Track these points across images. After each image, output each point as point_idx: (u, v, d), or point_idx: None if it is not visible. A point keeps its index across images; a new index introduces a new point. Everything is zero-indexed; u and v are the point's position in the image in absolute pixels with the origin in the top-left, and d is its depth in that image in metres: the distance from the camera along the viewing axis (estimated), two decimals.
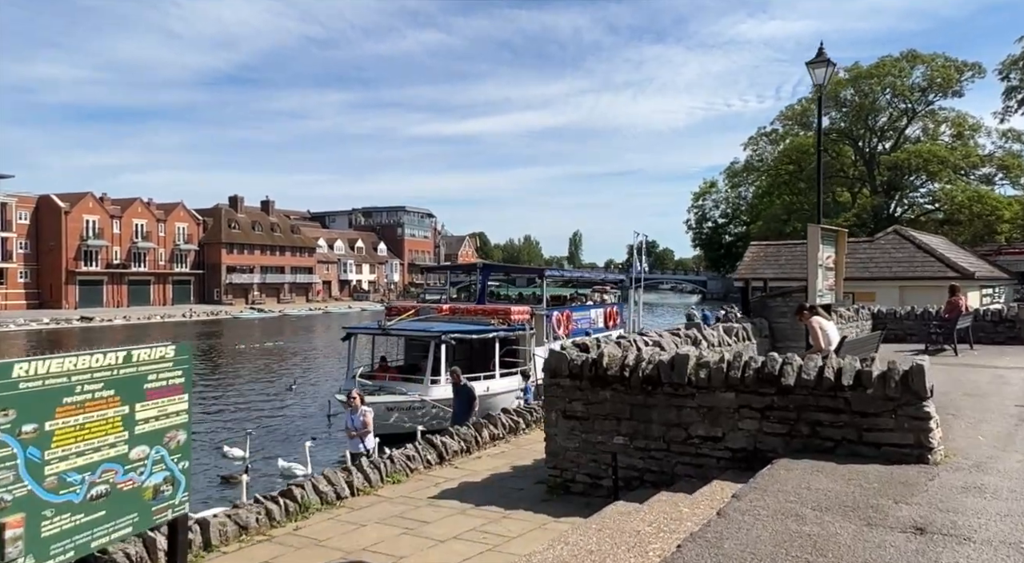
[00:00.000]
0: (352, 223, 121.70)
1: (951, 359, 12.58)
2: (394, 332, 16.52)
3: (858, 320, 15.89)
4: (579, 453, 6.83)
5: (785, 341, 11.72)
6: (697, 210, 62.89)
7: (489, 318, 17.86)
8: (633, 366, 6.52)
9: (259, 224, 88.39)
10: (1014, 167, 43.26)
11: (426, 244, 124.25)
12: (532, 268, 41.54)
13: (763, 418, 5.96)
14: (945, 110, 48.99)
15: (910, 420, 5.39)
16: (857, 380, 5.61)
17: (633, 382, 6.49)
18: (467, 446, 8.65)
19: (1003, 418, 7.00)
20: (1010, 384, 9.34)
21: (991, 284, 22.03)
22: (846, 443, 5.61)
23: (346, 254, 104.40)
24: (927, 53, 46.75)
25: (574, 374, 6.83)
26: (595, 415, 6.73)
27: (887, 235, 21.71)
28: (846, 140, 51.69)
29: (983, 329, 15.38)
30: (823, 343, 7.57)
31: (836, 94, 49.45)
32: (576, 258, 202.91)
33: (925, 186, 49.30)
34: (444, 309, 18.85)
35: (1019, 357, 12.75)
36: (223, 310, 74.46)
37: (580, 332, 21.75)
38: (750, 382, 6.00)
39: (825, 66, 12.60)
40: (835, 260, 12.29)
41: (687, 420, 6.29)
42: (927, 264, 19.20)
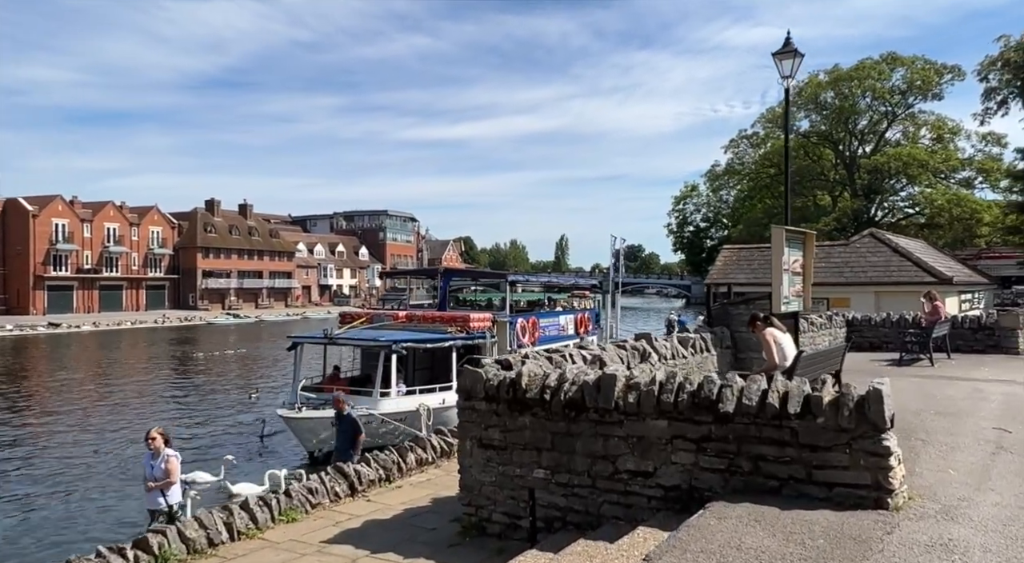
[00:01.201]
0: (334, 227, 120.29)
1: (927, 370, 11.82)
2: (341, 341, 15.58)
3: (831, 327, 15.12)
4: (496, 488, 5.93)
5: (748, 352, 10.88)
6: (678, 214, 62.34)
7: (447, 326, 16.95)
8: (555, 388, 5.63)
9: (236, 228, 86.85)
10: (993, 170, 42.94)
11: (409, 248, 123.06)
12: (496, 273, 40.65)
13: (699, 451, 5.08)
14: (925, 113, 48.80)
15: (866, 456, 4.53)
16: (806, 407, 4.74)
17: (555, 407, 5.60)
18: (387, 474, 7.72)
19: (978, 444, 6.17)
20: (988, 400, 8.55)
21: (970, 289, 21.40)
22: (793, 482, 4.74)
23: (326, 258, 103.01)
24: (907, 55, 46.50)
25: (491, 396, 5.93)
26: (514, 444, 5.83)
27: (863, 238, 21.00)
28: (827, 143, 51.28)
29: (961, 337, 14.67)
30: (776, 358, 6.73)
31: (816, 97, 49.06)
32: (563, 262, 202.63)
33: (905, 189, 48.98)
34: (400, 316, 17.90)
35: (998, 367, 12.01)
36: (198, 316, 72.92)
37: (548, 340, 20.88)
38: (685, 408, 5.13)
39: (792, 57, 11.81)
40: (803, 264, 11.47)
41: (614, 452, 5.40)
42: (904, 268, 18.49)
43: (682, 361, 9.32)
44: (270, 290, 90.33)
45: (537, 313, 21.43)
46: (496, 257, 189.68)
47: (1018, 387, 9.60)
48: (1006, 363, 12.64)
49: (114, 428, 20.92)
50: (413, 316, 17.85)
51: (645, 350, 8.46)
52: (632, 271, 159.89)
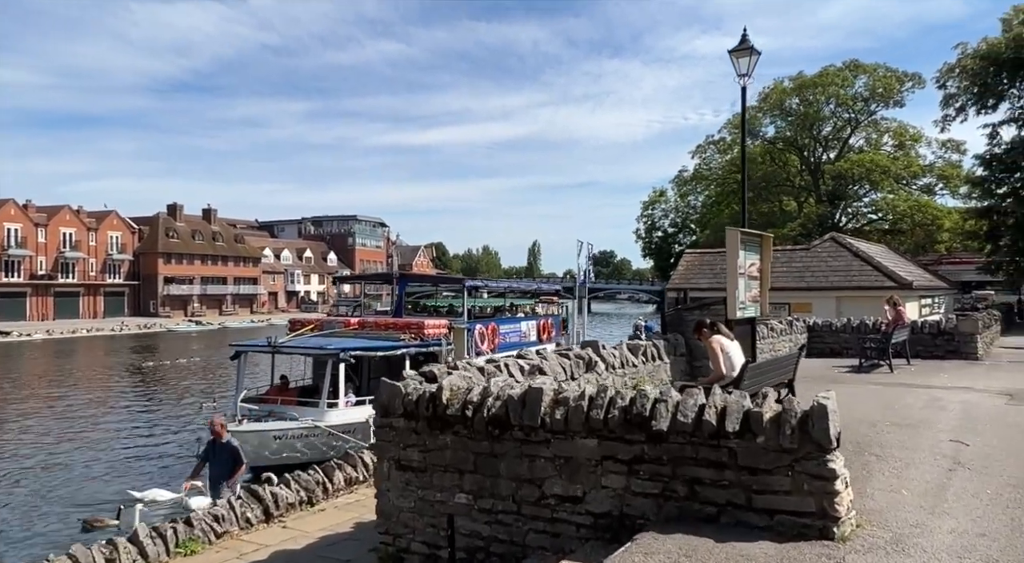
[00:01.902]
0: (301, 233, 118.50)
1: (886, 376, 11.55)
2: (286, 350, 14.87)
3: (792, 333, 14.86)
4: (415, 515, 5.37)
5: (704, 360, 10.43)
6: (647, 219, 62.36)
7: (400, 333, 16.34)
8: (478, 403, 5.10)
9: (200, 233, 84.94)
10: (953, 177, 43.60)
11: (378, 254, 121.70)
12: (454, 278, 39.95)
13: (631, 473, 4.59)
14: (887, 120, 49.42)
15: (810, 480, 4.07)
16: (745, 424, 4.28)
17: (477, 424, 5.07)
18: (309, 496, 7.10)
19: (934, 459, 5.78)
20: (946, 410, 8.22)
21: (930, 294, 21.40)
22: (732, 509, 4.26)
23: (293, 264, 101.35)
24: (869, 63, 47.08)
25: (410, 412, 5.38)
26: (434, 466, 5.28)
27: (824, 243, 20.88)
28: (792, 149, 51.70)
29: (921, 342, 14.50)
30: (723, 368, 6.29)
31: (781, 103, 49.42)
32: (535, 268, 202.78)
33: (868, 195, 49.51)
34: (352, 323, 17.24)
35: (957, 374, 11.79)
36: (158, 323, 71.00)
37: (509, 346, 20.35)
38: (616, 425, 4.63)
39: (749, 54, 11.49)
40: (760, 268, 11.11)
41: (541, 474, 4.88)
42: (864, 273, 18.36)
43: (632, 370, 8.86)
44: (235, 296, 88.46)
45: (497, 319, 20.91)
46: (468, 263, 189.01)
47: (976, 395, 9.32)
48: (965, 369, 12.45)
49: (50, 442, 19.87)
50: (365, 323, 17.19)
51: (591, 359, 7.97)
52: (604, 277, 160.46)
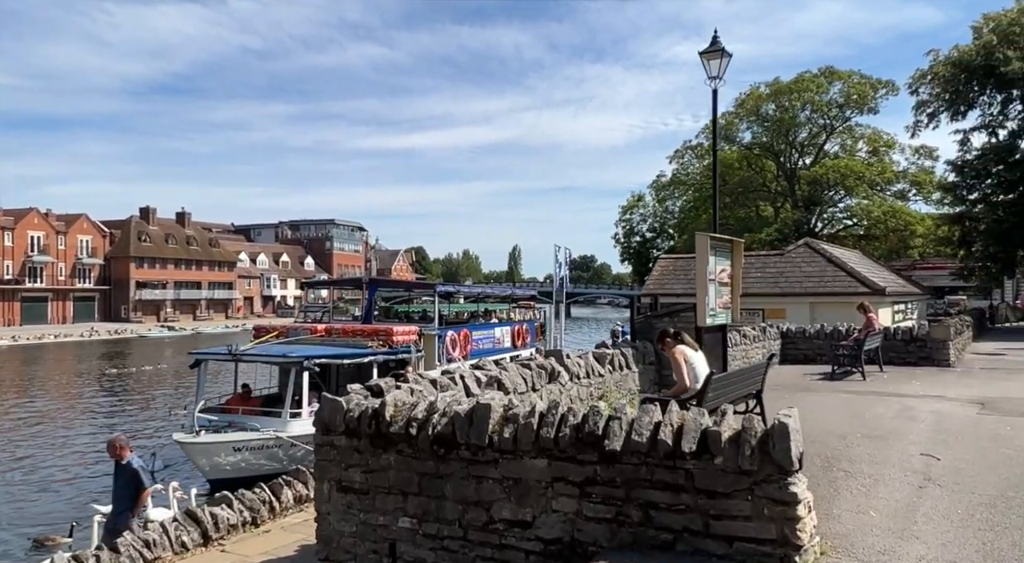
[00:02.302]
0: (279, 237, 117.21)
1: (858, 384, 11.38)
2: (247, 358, 14.39)
3: (765, 340, 14.70)
4: (357, 540, 5.01)
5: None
6: (625, 224, 62.36)
7: (368, 340, 15.93)
8: (422, 420, 4.76)
9: (173, 237, 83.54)
10: (926, 183, 44.08)
11: (357, 258, 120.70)
12: (425, 283, 39.34)
13: (583, 496, 4.28)
14: (862, 127, 49.90)
15: (771, 504, 3.79)
16: (703, 444, 3.99)
17: (422, 443, 4.73)
18: (254, 517, 6.69)
19: (905, 476, 5.54)
20: (917, 420, 8.03)
21: (903, 300, 21.42)
22: (688, 536, 3.97)
23: (270, 269, 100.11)
24: (844, 70, 47.54)
25: (352, 430, 5.02)
26: (377, 488, 4.93)
27: (798, 248, 20.82)
28: (768, 155, 52.00)
29: (894, 349, 14.40)
30: (687, 380, 6.02)
31: (758, 109, 49.69)
32: (516, 273, 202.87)
33: (843, 201, 49.90)
34: (318, 330, 16.79)
35: (929, 381, 11.66)
36: (130, 328, 69.62)
37: (483, 353, 20.03)
38: (567, 444, 4.32)
39: (720, 56, 11.30)
40: (731, 274, 10.90)
41: (489, 497, 4.55)
42: (838, 279, 18.29)
43: (598, 380, 8.57)
44: (209, 301, 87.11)
45: (470, 325, 20.57)
46: (449, 267, 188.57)
47: (948, 404, 9.16)
48: (937, 376, 12.34)
49: (3, 456, 19.12)
50: (332, 329, 16.76)
51: (554, 369, 7.66)
52: (584, 282, 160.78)
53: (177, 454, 14.28)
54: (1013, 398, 9.60)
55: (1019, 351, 16.80)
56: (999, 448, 6.50)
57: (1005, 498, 4.90)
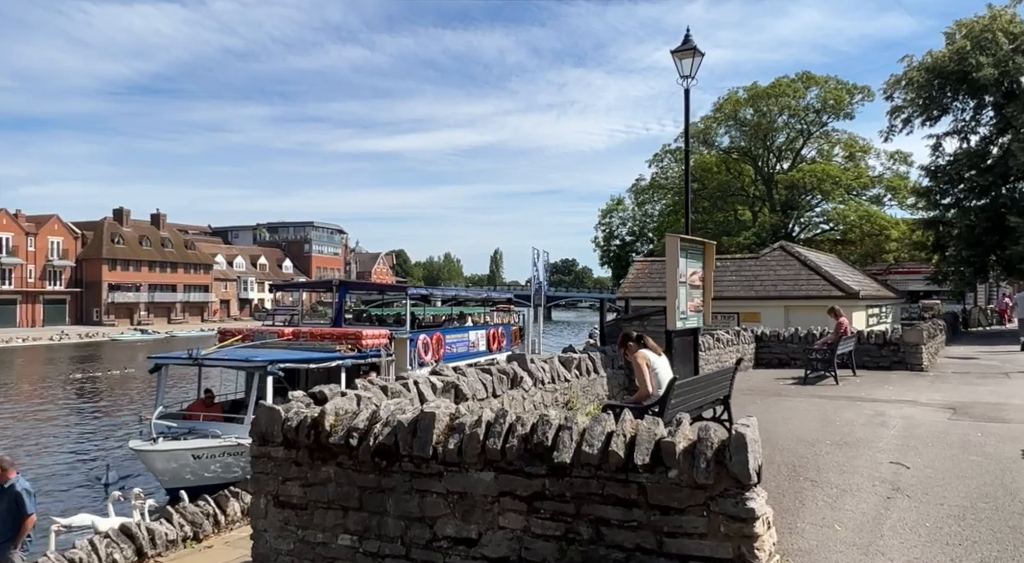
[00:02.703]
0: (256, 239, 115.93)
1: (830, 389, 11.24)
2: (209, 362, 13.94)
3: (739, 344, 14.54)
4: (295, 559, 4.69)
5: None
6: (604, 227, 62.32)
7: (337, 343, 15.56)
8: (364, 430, 4.47)
9: (148, 239, 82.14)
10: (901, 188, 44.50)
11: (336, 261, 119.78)
12: (396, 286, 38.81)
13: (531, 512, 4.00)
14: (838, 132, 50.33)
15: (727, 521, 3.54)
16: (656, 456, 3.73)
17: (362, 454, 4.43)
18: (195, 531, 6.33)
19: (873, 485, 5.34)
20: (888, 426, 7.86)
21: (878, 304, 21.45)
22: (640, 554, 3.71)
23: (247, 271, 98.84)
24: (820, 75, 47.94)
25: (290, 440, 4.70)
26: (316, 503, 4.62)
27: (773, 251, 20.76)
28: (747, 159, 52.26)
29: (868, 353, 14.32)
30: (650, 386, 5.78)
31: (736, 113, 49.91)
32: (497, 276, 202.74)
33: (820, 205, 50.27)
34: (285, 333, 16.39)
35: (902, 385, 11.55)
36: (101, 332, 68.27)
37: (457, 357, 19.73)
38: (515, 456, 4.04)
39: (692, 55, 11.13)
40: (702, 277, 10.71)
41: (433, 512, 4.26)
42: (812, 282, 18.23)
43: (563, 386, 8.31)
44: (184, 304, 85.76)
45: (444, 329, 20.24)
46: (430, 270, 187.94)
47: (919, 410, 9.02)
48: (910, 380, 12.25)
49: None
50: (300, 333, 16.35)
51: (516, 374, 7.38)
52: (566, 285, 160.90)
53: (138, 464, 13.77)
54: (983, 403, 9.50)
55: (991, 355, 16.84)
56: (969, 455, 6.33)
57: (975, 510, 4.71)
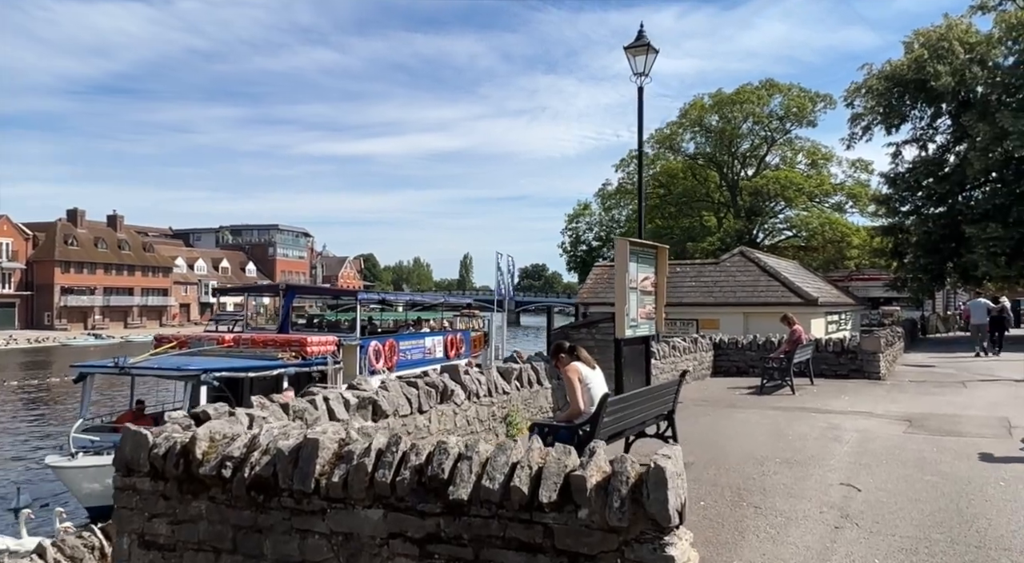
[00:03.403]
0: (219, 242, 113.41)
1: (786, 399, 10.88)
2: (136, 371, 13.07)
3: (697, 351, 14.17)
4: None
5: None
6: (571, 232, 62.04)
7: (279, 351, 14.82)
8: (240, 459, 3.86)
9: (104, 241, 79.65)
10: (862, 196, 45.02)
11: (301, 265, 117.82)
12: (346, 290, 37.98)
13: (424, 557, 3.44)
14: (801, 140, 50.87)
15: None
16: (565, 492, 3.20)
17: (237, 487, 3.82)
18: None
19: (821, 512, 4.88)
20: (841, 441, 7.47)
21: (837, 310, 21.36)
22: None
23: (208, 274, 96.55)
24: (784, 83, 48.39)
25: (157, 470, 4.07)
26: (185, 543, 3.99)
27: (733, 257, 20.52)
28: (712, 165, 52.51)
29: (826, 361, 14.06)
30: (581, 402, 5.26)
31: (701, 120, 50.12)
32: (467, 281, 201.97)
33: (783, 212, 50.71)
34: (226, 340, 15.58)
35: (859, 395, 11.25)
36: (53, 336, 65.85)
37: (411, 364, 19.07)
38: (406, 491, 3.48)
39: (645, 52, 10.71)
40: (655, 282, 10.27)
41: (314, 557, 3.68)
42: (772, 288, 18.00)
43: (502, 398, 7.76)
44: (142, 308, 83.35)
45: (398, 335, 19.57)
46: (399, 275, 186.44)
47: (874, 422, 8.67)
48: (867, 390, 11.97)
49: None
50: (241, 339, 15.56)
51: (446, 387, 6.81)
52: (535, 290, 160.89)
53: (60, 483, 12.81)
54: (939, 414, 9.20)
55: (948, 363, 16.75)
56: (924, 475, 5.94)
57: (928, 541, 4.27)
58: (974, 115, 24.62)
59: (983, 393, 11.44)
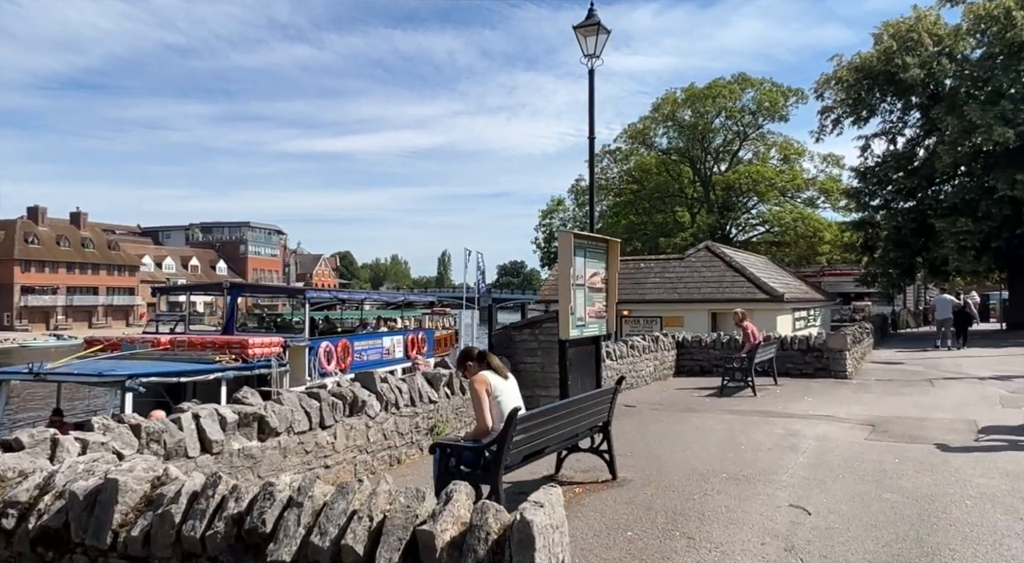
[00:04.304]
0: (189, 240, 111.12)
1: (747, 401, 10.27)
2: (53, 376, 12.12)
3: (658, 351, 13.54)
4: None
5: (536, 390, 8.79)
6: (545, 228, 61.35)
7: (218, 353, 13.94)
8: (27, 505, 3.08)
9: (66, 239, 77.38)
10: (833, 191, 44.85)
11: (274, 263, 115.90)
12: (293, 288, 36.75)
13: None
14: (773, 134, 50.57)
15: None
16: (411, 552, 2.47)
17: (19, 542, 3.04)
18: None
19: (763, 543, 4.20)
20: (798, 450, 6.83)
21: (806, 306, 20.89)
22: None
23: (177, 273, 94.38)
24: (756, 77, 48.10)
25: None
26: None
27: (698, 252, 19.93)
28: (685, 160, 52.10)
29: (791, 359, 13.51)
30: (488, 419, 4.53)
31: (674, 114, 49.66)
32: (446, 278, 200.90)
33: (756, 207, 50.46)
34: (162, 342, 14.65)
35: (823, 396, 10.68)
36: (12, 337, 63.74)
37: (368, 365, 18.18)
38: (220, 548, 2.73)
39: (596, 32, 10.00)
40: (605, 278, 9.58)
41: None
42: (737, 284, 17.44)
43: (427, 407, 7.01)
44: (108, 308, 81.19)
45: (352, 335, 18.69)
46: (376, 272, 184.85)
47: (835, 427, 8.07)
48: (832, 390, 11.41)
49: None
50: (177, 342, 14.64)
51: (355, 398, 6.04)
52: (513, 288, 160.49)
53: None
54: (905, 418, 8.63)
55: (917, 360, 16.33)
56: (883, 492, 5.30)
57: None
58: (943, 108, 24.32)
59: (950, 392, 10.94)
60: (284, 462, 5.19)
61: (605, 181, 57.19)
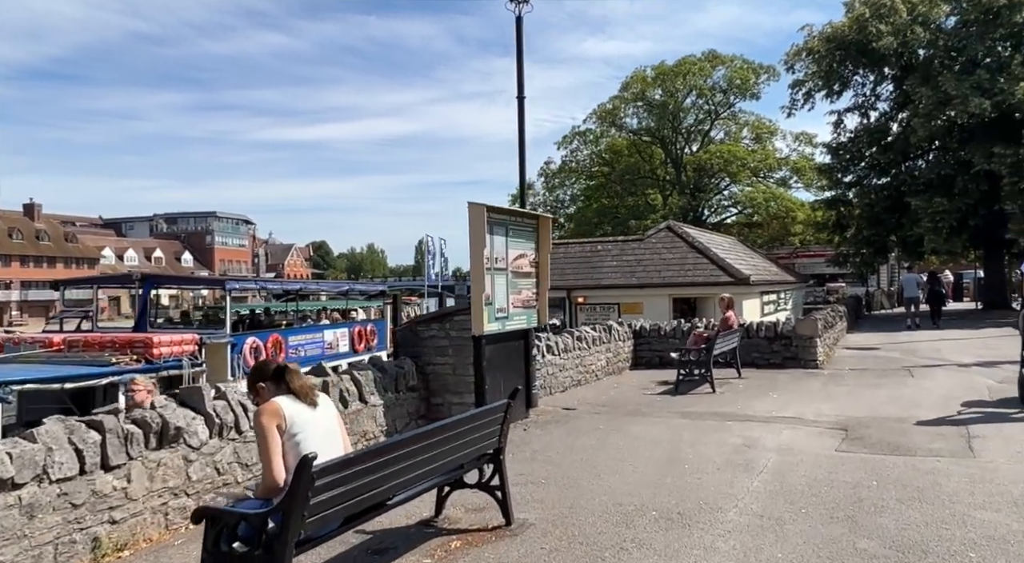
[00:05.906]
0: (153, 231, 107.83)
1: (703, 399, 8.94)
2: None
3: (612, 342, 12.17)
4: None
5: (447, 396, 7.35)
6: None
7: (117, 354, 12.36)
8: None
9: (19, 231, 74.27)
10: (806, 170, 43.83)
11: (242, 253, 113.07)
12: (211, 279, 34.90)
13: None
14: (745, 113, 49.35)
15: None
16: None
17: None
18: None
19: None
20: (753, 469, 5.49)
21: (775, 289, 19.67)
22: None
23: (140, 265, 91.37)
24: (726, 54, 46.78)
25: None
26: None
27: (659, 232, 18.55)
28: (656, 141, 50.78)
29: (757, 348, 12.23)
30: (277, 470, 3.06)
31: (644, 94, 48.25)
32: (423, 267, 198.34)
33: (728, 188, 49.34)
34: (55, 342, 13.02)
35: (790, 392, 9.39)
36: None
37: (310, 360, 16.59)
38: None
39: None
40: (535, 261, 8.17)
41: None
42: (700, 266, 16.12)
43: None
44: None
45: (286, 329, 17.09)
46: (352, 262, 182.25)
47: (801, 434, 6.75)
48: (800, 383, 10.13)
49: None
50: (72, 341, 13.02)
51: (166, 423, 4.53)
52: None
53: None
54: (882, 418, 7.36)
55: (893, 344, 15.20)
56: (857, 538, 3.97)
57: None
58: (917, 79, 23.17)
59: (932, 384, 9.72)
60: (31, 525, 3.69)
61: (576, 164, 55.71)
